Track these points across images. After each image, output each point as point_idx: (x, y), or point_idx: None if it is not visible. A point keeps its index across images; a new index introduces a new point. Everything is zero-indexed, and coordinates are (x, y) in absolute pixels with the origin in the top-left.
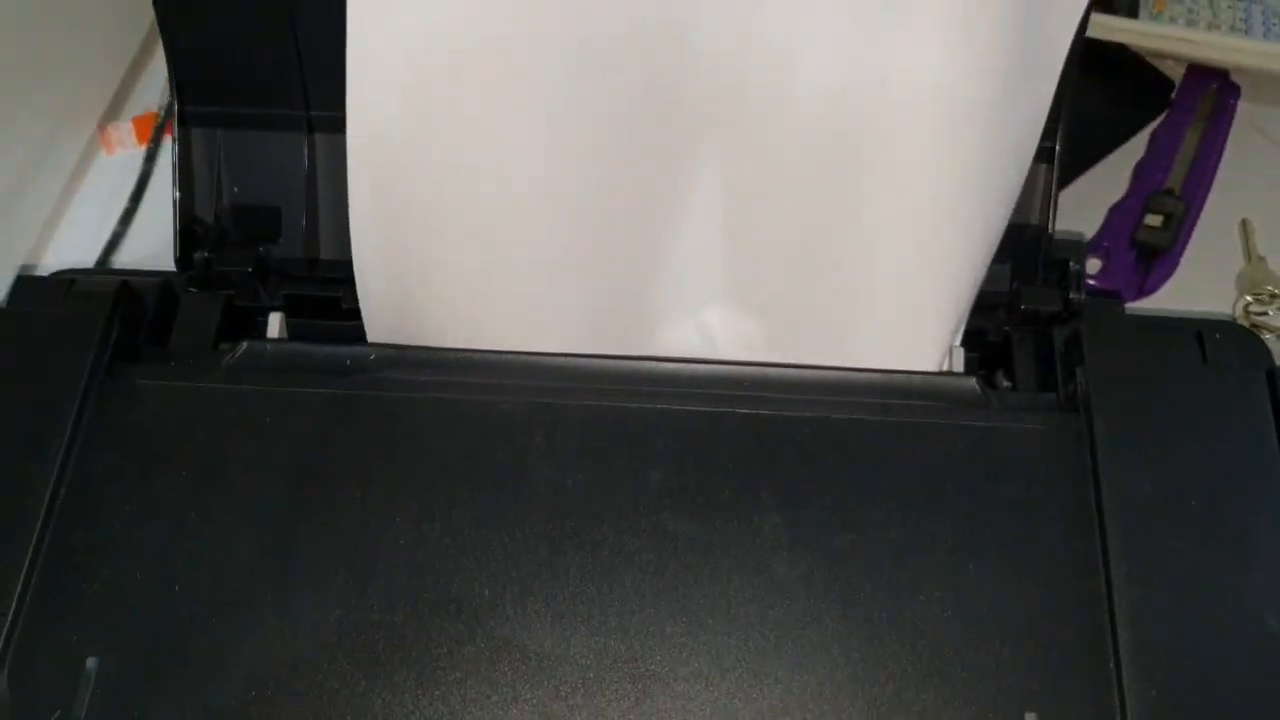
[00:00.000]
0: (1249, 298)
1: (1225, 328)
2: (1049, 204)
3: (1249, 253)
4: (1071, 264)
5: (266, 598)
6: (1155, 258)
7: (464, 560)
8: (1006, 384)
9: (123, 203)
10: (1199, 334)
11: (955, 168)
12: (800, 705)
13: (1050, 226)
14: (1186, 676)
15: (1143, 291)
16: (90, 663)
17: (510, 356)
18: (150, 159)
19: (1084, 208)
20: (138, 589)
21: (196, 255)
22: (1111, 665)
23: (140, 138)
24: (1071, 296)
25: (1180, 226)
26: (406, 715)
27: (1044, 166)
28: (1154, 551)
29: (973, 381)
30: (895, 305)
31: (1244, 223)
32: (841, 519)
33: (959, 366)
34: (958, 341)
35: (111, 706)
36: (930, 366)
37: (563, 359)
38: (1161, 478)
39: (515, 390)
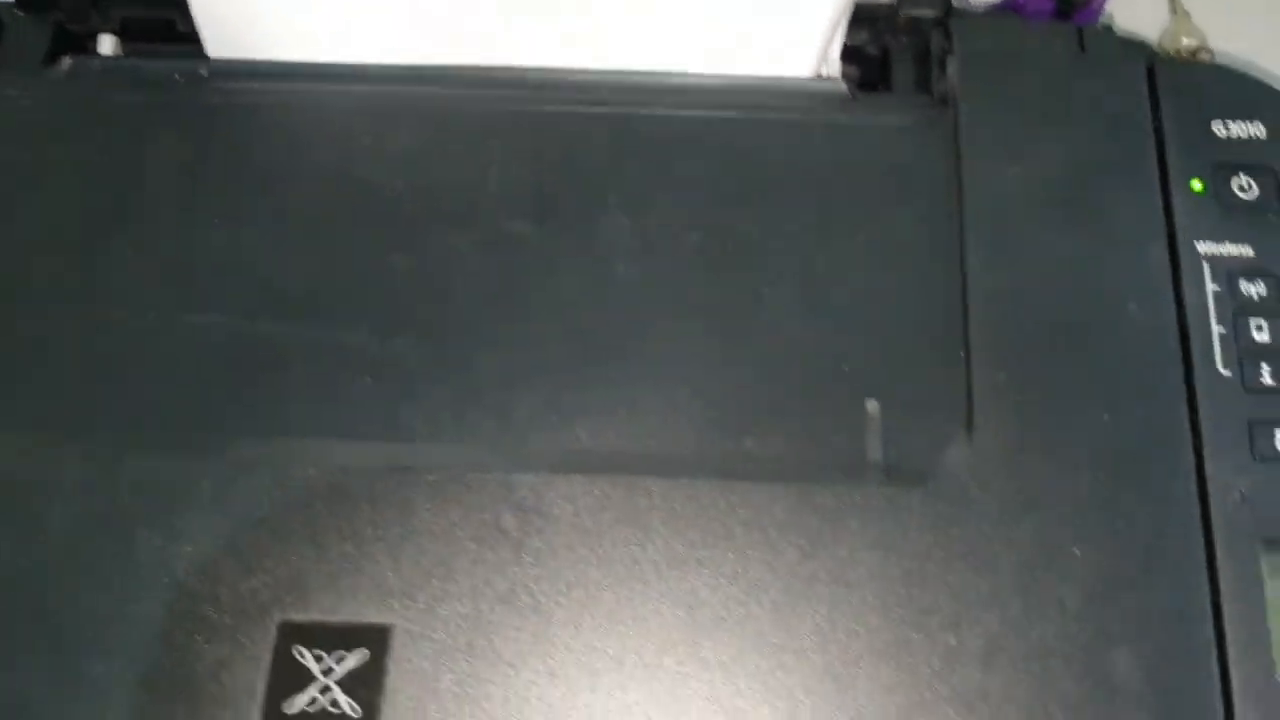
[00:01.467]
0: (1172, 52)
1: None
2: None
3: (1174, 6)
4: None
5: (81, 301)
6: (1073, 13)
7: (287, 263)
8: None
9: None
10: (1079, 29)
11: None
12: (634, 398)
13: None
14: (1038, 359)
15: None
16: None
17: (344, 67)
18: None
19: None
20: None
21: None
22: (961, 353)
23: None
24: (954, 2)
25: None
26: (222, 419)
27: None
28: (1012, 237)
29: (841, 84)
30: (767, 11)
31: None
32: (691, 216)
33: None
34: (835, 54)
35: None
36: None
37: (402, 67)
38: (1028, 164)
39: (346, 96)
